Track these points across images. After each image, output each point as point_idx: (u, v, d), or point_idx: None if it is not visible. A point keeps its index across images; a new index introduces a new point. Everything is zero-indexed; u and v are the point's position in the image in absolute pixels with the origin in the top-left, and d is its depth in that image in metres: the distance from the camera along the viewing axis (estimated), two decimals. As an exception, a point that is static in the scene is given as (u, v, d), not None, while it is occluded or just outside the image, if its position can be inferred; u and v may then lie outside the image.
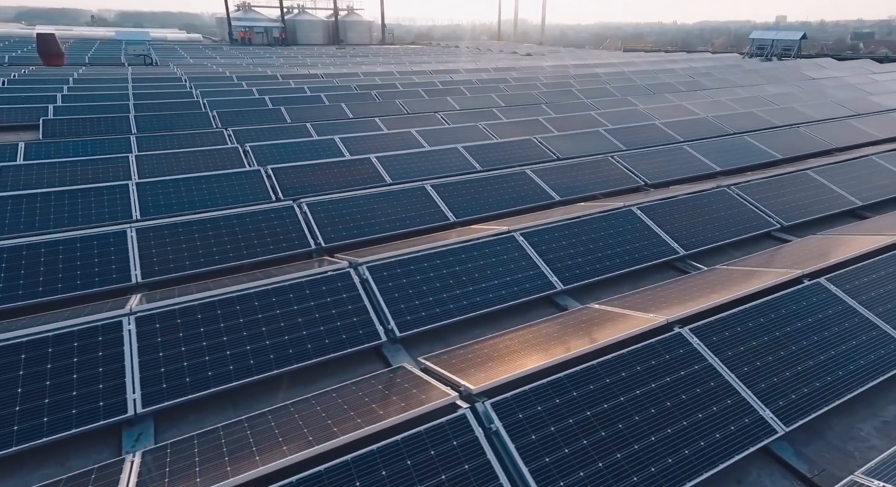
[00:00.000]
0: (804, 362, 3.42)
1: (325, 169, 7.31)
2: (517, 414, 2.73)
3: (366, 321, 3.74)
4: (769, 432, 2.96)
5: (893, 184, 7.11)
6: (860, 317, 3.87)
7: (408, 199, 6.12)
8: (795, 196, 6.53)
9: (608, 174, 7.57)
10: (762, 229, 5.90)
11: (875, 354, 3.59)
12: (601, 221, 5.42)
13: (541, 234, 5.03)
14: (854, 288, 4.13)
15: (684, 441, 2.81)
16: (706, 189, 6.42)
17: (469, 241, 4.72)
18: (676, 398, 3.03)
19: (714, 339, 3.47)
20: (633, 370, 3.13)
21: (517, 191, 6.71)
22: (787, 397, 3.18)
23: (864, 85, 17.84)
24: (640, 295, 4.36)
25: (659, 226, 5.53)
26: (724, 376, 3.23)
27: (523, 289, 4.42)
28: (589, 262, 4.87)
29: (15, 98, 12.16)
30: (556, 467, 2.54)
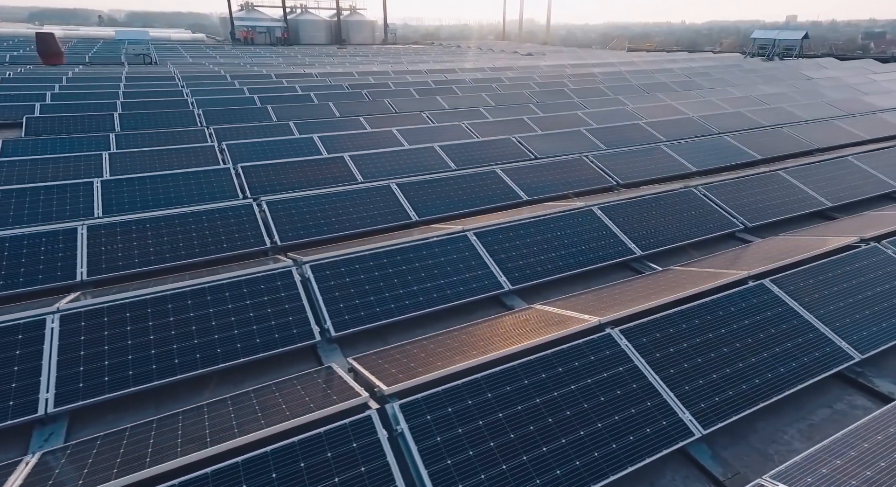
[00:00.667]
0: (733, 364, 3.38)
1: (297, 167, 7.31)
2: (425, 416, 2.71)
3: (301, 320, 3.73)
4: (686, 435, 2.93)
5: (867, 185, 7.03)
6: (800, 319, 3.82)
7: (371, 198, 6.11)
8: (764, 196, 6.46)
9: (581, 174, 7.53)
10: (726, 229, 5.84)
11: (809, 357, 3.55)
12: (559, 221, 5.38)
13: (494, 234, 5.01)
14: (798, 289, 4.08)
15: (595, 443, 2.78)
16: (673, 189, 6.37)
17: (419, 241, 4.70)
18: (594, 399, 3.00)
19: (644, 341, 3.43)
20: (553, 371, 3.10)
21: (484, 191, 6.69)
22: (711, 399, 3.14)
23: (861, 85, 17.67)
24: (586, 295, 4.33)
25: (618, 227, 5.49)
26: (649, 378, 3.19)
27: (469, 289, 4.40)
28: (541, 263, 4.84)
29: (4, 96, 12.26)
30: (457, 469, 2.52)
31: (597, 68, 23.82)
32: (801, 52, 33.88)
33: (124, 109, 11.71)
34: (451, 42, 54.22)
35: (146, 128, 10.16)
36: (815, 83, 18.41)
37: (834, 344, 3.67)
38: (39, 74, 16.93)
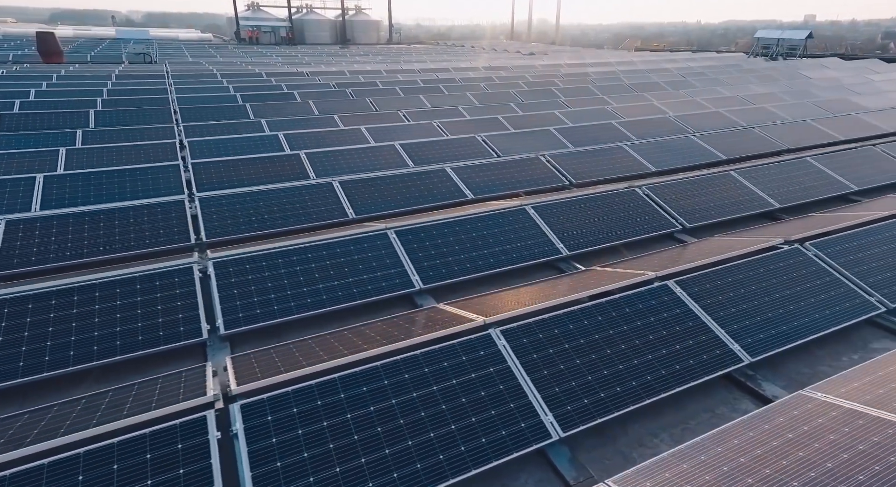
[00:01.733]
0: (614, 366, 3.31)
1: (250, 164, 7.30)
2: (266, 417, 2.67)
3: (192, 318, 3.71)
4: (543, 437, 2.86)
5: (821, 186, 6.88)
6: (696, 321, 3.73)
7: (311, 196, 6.08)
8: (711, 197, 6.34)
9: (535, 173, 7.45)
10: (664, 230, 5.74)
11: (696, 359, 3.46)
12: (487, 220, 5.32)
13: (416, 233, 4.96)
14: (702, 291, 3.99)
15: (444, 445, 2.72)
16: (617, 189, 6.27)
17: (334, 239, 4.66)
18: (455, 401, 2.94)
19: (524, 341, 3.36)
20: (418, 371, 3.04)
21: (430, 189, 6.63)
22: (579, 402, 3.07)
23: (857, 85, 17.33)
24: (492, 296, 4.26)
25: (549, 226, 5.41)
26: (519, 379, 3.13)
27: (378, 288, 4.36)
28: (459, 262, 4.78)
29: (-11, 94, 12.43)
30: (285, 472, 2.47)
31: (593, 68, 23.62)
32: (805, 51, 33.41)
33: (104, 107, 11.79)
34: (460, 42, 54.10)
35: (120, 125, 10.23)
36: (809, 83, 18.10)
37: (725, 347, 3.58)
38: (32, 73, 17.13)
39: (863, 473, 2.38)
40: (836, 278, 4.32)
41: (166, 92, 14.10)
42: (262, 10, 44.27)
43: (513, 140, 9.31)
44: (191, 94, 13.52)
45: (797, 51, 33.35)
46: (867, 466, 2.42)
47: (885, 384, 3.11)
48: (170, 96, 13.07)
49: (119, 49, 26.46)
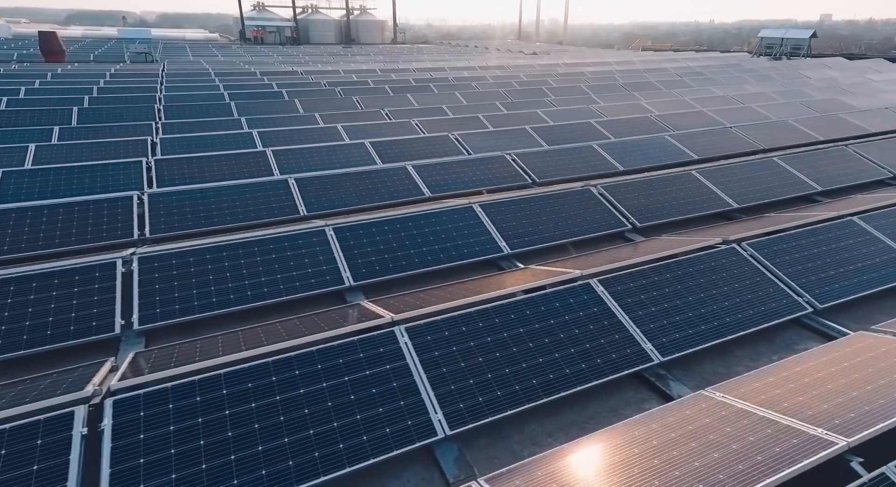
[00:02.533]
0: (516, 365, 3.26)
1: (215, 161, 7.32)
2: (138, 413, 2.65)
3: (107, 312, 3.71)
4: (429, 434, 2.83)
5: (783, 186, 6.76)
6: (613, 320, 3.67)
7: (265, 192, 6.08)
8: (667, 196, 6.26)
9: (498, 171, 7.39)
10: (614, 229, 5.67)
11: (605, 358, 3.40)
12: (432, 218, 5.28)
13: (355, 230, 4.93)
14: (625, 290, 3.93)
15: (322, 442, 2.69)
16: (573, 187, 6.21)
17: (272, 235, 4.65)
18: (343, 398, 2.90)
19: (428, 339, 3.32)
20: (311, 368, 3.01)
21: (388, 187, 6.61)
22: (473, 400, 3.02)
23: (853, 85, 17.04)
24: (419, 293, 4.23)
25: (494, 225, 5.36)
26: (415, 376, 3.09)
27: (307, 284, 4.34)
28: (396, 259, 4.74)
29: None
30: (146, 468, 2.45)
31: (590, 68, 23.46)
32: (809, 51, 32.95)
33: (90, 104, 11.88)
34: (467, 42, 53.91)
35: (101, 123, 10.30)
36: (806, 83, 17.84)
37: (638, 346, 3.52)
38: (28, 71, 17.31)
39: (724, 472, 2.32)
40: (767, 278, 4.24)
41: (156, 90, 14.19)
42: (268, 11, 44.48)
43: (487, 138, 9.26)
44: (179, 93, 13.60)
45: (801, 50, 32.96)
46: (732, 465, 2.36)
47: (784, 384, 3.04)
48: (158, 94, 13.16)
49: (122, 49, 26.67)
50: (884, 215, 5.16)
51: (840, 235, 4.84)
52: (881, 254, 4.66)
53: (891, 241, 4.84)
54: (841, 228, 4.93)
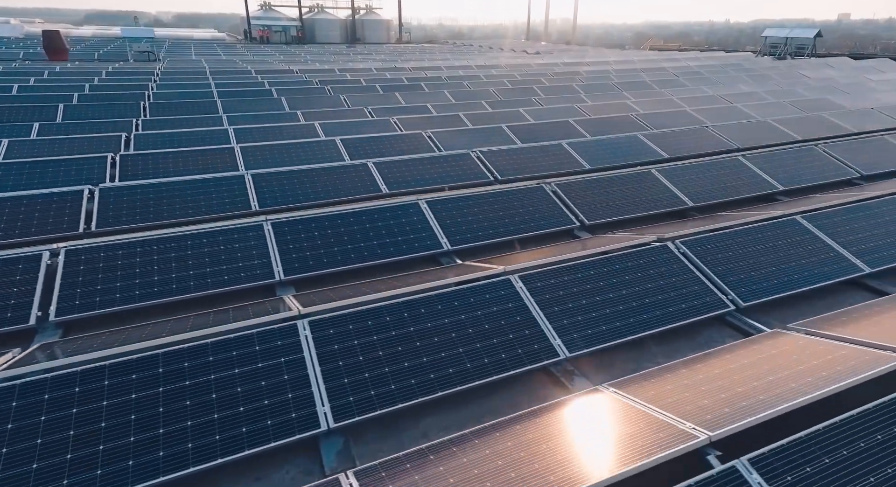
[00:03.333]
0: (417, 358, 3.24)
1: (183, 156, 7.36)
2: (10, 403, 2.67)
3: (25, 304, 3.75)
4: (312, 427, 2.82)
5: (744, 185, 6.67)
6: (526, 315, 3.64)
7: (218, 189, 6.10)
8: (622, 194, 6.20)
9: (462, 169, 7.37)
10: (562, 226, 5.63)
11: (511, 353, 3.38)
12: (374, 214, 5.27)
13: (293, 225, 4.94)
14: (545, 286, 3.89)
15: (198, 434, 2.69)
16: (526, 185, 6.17)
17: (207, 229, 4.67)
18: (230, 389, 2.90)
19: (330, 332, 3.31)
20: (199, 361, 3.02)
21: (345, 183, 6.60)
22: (364, 393, 3.01)
23: (850, 85, 16.80)
24: (348, 288, 4.22)
25: (439, 221, 5.34)
26: (309, 369, 3.07)
27: (236, 277, 4.35)
28: (332, 254, 4.74)
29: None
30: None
31: (587, 67, 23.31)
32: (814, 50, 32.50)
33: (80, 101, 12.01)
34: (474, 41, 53.78)
35: (86, 119, 10.40)
36: (801, 83, 17.61)
37: (547, 342, 3.49)
38: (26, 69, 17.53)
39: (577, 464, 2.29)
40: (694, 276, 4.19)
41: (147, 88, 14.32)
42: (274, 10, 44.73)
43: (460, 136, 9.23)
44: (169, 91, 13.71)
45: (805, 50, 32.51)
46: (590, 457, 2.33)
47: (678, 381, 3.01)
48: (147, 92, 13.27)
49: (127, 48, 26.93)
50: (828, 215, 5.07)
51: (780, 234, 4.77)
52: (818, 254, 4.58)
53: (831, 241, 4.75)
54: (782, 227, 4.86)
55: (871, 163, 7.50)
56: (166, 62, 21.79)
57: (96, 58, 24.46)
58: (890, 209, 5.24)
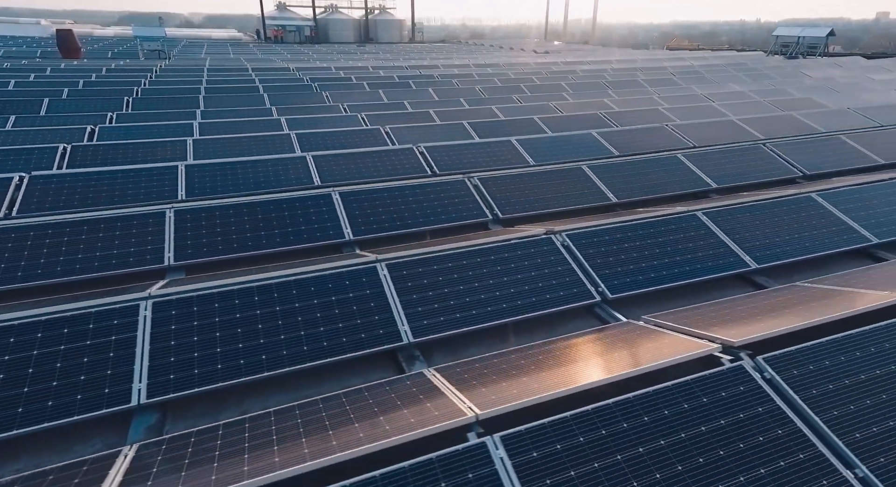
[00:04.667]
0: (255, 338, 3.29)
1: (131, 148, 7.53)
2: None
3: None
4: (123, 402, 2.89)
5: (675, 182, 6.56)
6: (381, 300, 3.66)
7: (149, 179, 6.23)
8: (543, 189, 6.16)
9: (401, 163, 7.37)
10: (477, 219, 5.62)
11: (352, 337, 3.40)
12: (283, 203, 5.32)
13: (196, 212, 5.02)
14: (410, 274, 3.91)
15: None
16: (451, 179, 6.17)
17: (112, 214, 4.80)
18: (47, 366, 3.00)
19: (172, 314, 3.38)
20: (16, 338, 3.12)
21: (276, 176, 6.66)
22: (189, 371, 3.07)
23: (847, 85, 16.34)
24: (228, 275, 4.30)
25: (346, 212, 5.37)
26: (137, 349, 3.13)
27: (107, 265, 4.45)
28: (228, 242, 4.80)
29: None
30: None
31: (587, 66, 23.10)
32: (825, 49, 31.67)
33: (69, 96, 12.34)
34: (488, 41, 53.62)
35: (70, 113, 10.68)
36: (798, 82, 17.21)
37: (394, 327, 3.51)
38: (32, 66, 18.05)
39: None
40: (569, 268, 4.16)
41: (140, 84, 14.64)
42: (289, 10, 45.26)
43: (418, 132, 9.25)
44: (161, 87, 14.01)
45: (817, 49, 31.69)
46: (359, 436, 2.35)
47: (498, 365, 3.01)
48: (139, 88, 13.57)
49: (139, 46, 27.55)
50: (731, 211, 4.97)
51: (677, 229, 4.70)
52: (709, 249, 4.50)
53: (725, 237, 4.66)
54: (680, 222, 4.78)
55: (817, 163, 7.30)
56: (171, 60, 22.24)
57: (109, 56, 25.07)
58: (787, 209, 5.13)
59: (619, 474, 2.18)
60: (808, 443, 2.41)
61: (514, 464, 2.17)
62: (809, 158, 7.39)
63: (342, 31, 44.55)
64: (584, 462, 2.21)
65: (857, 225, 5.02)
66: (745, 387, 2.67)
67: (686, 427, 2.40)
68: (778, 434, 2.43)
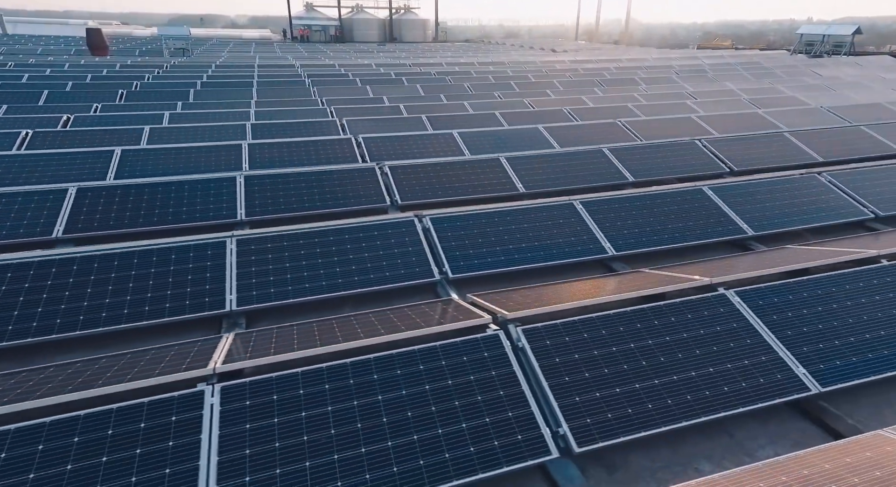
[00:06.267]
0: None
1: (99, 135, 7.93)
2: None
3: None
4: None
5: (594, 175, 6.51)
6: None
7: (83, 161, 6.56)
8: (462, 178, 6.22)
9: (335, 152, 7.51)
10: (374, 204, 5.72)
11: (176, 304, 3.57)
12: (185, 184, 5.52)
13: (97, 191, 5.28)
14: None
15: None
16: (364, 167, 6.29)
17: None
18: None
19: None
20: None
21: (209, 161, 6.88)
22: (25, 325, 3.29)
23: (843, 85, 15.59)
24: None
25: (246, 194, 5.54)
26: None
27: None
28: (120, 218, 5.06)
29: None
30: None
31: (590, 64, 22.75)
32: (852, 48, 30.33)
33: (72, 88, 12.93)
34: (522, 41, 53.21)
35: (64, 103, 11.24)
36: (800, 81, 16.62)
37: (223, 297, 3.65)
38: (52, 62, 18.95)
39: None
40: (419, 248, 4.23)
41: (142, 77, 15.24)
42: (316, 10, 46.02)
43: (372, 124, 9.38)
44: (157, 81, 14.57)
45: (843, 48, 30.39)
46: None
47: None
48: (139, 82, 14.14)
49: (164, 45, 28.53)
50: (605, 201, 4.92)
51: (557, 214, 4.74)
52: (574, 236, 4.50)
53: (593, 224, 4.64)
54: (554, 209, 4.79)
55: (746, 159, 7.11)
56: (180, 58, 22.99)
57: (137, 54, 26.06)
58: (648, 203, 5.06)
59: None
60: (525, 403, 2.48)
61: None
62: (739, 154, 7.19)
63: (367, 30, 45.04)
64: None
65: (737, 216, 4.92)
66: (492, 352, 2.74)
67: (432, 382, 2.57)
68: (516, 392, 2.57)
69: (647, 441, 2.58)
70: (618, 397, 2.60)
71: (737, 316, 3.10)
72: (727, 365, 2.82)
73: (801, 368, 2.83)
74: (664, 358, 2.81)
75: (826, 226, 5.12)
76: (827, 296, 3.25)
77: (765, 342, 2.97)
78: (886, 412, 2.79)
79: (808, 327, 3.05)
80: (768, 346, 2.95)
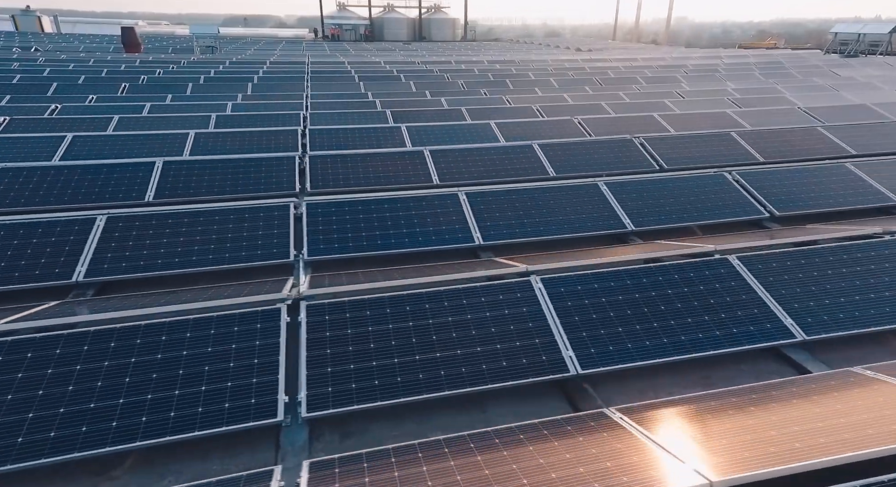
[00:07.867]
0: None
1: (73, 122, 8.40)
2: None
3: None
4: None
5: (527, 168, 6.50)
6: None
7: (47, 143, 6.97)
8: (376, 169, 6.33)
9: (279, 142, 7.73)
10: (285, 191, 5.90)
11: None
12: (116, 166, 5.83)
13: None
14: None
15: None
16: (277, 156, 6.47)
17: None
18: None
19: None
20: None
21: (160, 147, 7.22)
22: None
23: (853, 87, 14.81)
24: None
25: (162, 179, 5.80)
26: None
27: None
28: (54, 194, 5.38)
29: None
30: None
31: (605, 63, 22.34)
32: (889, 47, 28.65)
33: (84, 82, 13.67)
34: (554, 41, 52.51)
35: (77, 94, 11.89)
36: (810, 82, 15.88)
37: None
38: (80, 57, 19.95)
39: None
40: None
41: (154, 72, 15.91)
42: (348, 10, 46.62)
43: (338, 118, 9.58)
44: (170, 75, 15.26)
45: (879, 47, 28.74)
46: None
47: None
48: (145, 76, 14.78)
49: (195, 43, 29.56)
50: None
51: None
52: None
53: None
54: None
55: (675, 158, 6.94)
56: (216, 55, 23.81)
57: (170, 51, 27.12)
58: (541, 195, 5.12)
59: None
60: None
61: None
62: (672, 153, 7.01)
63: (397, 29, 45.34)
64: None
65: (623, 211, 4.86)
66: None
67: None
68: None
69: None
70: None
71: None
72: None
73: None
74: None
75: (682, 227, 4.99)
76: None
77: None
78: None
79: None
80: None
